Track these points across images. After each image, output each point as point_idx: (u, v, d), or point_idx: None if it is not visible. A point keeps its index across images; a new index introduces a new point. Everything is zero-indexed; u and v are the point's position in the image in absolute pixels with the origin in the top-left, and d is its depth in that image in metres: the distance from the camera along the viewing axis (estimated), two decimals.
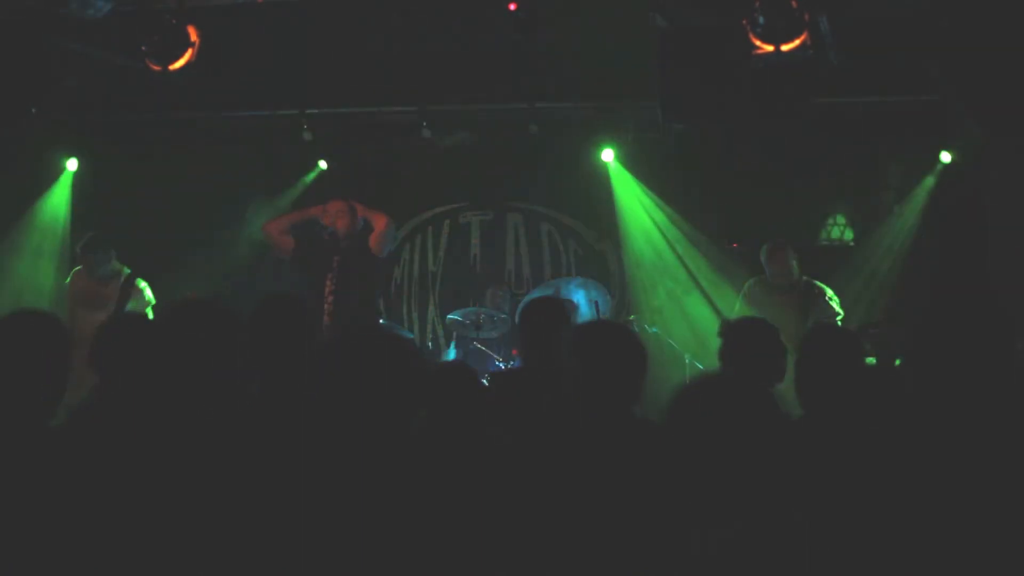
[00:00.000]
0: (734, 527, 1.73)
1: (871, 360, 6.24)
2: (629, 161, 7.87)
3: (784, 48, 4.97)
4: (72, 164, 8.00)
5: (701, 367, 6.82)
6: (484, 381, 6.19)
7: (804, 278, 6.45)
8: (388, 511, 2.28)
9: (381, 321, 6.45)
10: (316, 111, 7.59)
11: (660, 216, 7.98)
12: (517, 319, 4.60)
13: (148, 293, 6.72)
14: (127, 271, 6.73)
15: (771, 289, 6.47)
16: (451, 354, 7.19)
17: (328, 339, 5.53)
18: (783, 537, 1.73)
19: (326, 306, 5.73)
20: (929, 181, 7.40)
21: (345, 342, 2.61)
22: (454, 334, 7.41)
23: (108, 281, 6.70)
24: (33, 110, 6.14)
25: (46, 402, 2.55)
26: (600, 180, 7.97)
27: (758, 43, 5.01)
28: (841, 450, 2.51)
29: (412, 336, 7.01)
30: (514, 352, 6.74)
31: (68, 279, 6.89)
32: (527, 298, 7.11)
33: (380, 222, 6.17)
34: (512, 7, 5.36)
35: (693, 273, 7.93)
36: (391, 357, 2.50)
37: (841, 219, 7.69)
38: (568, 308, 5.99)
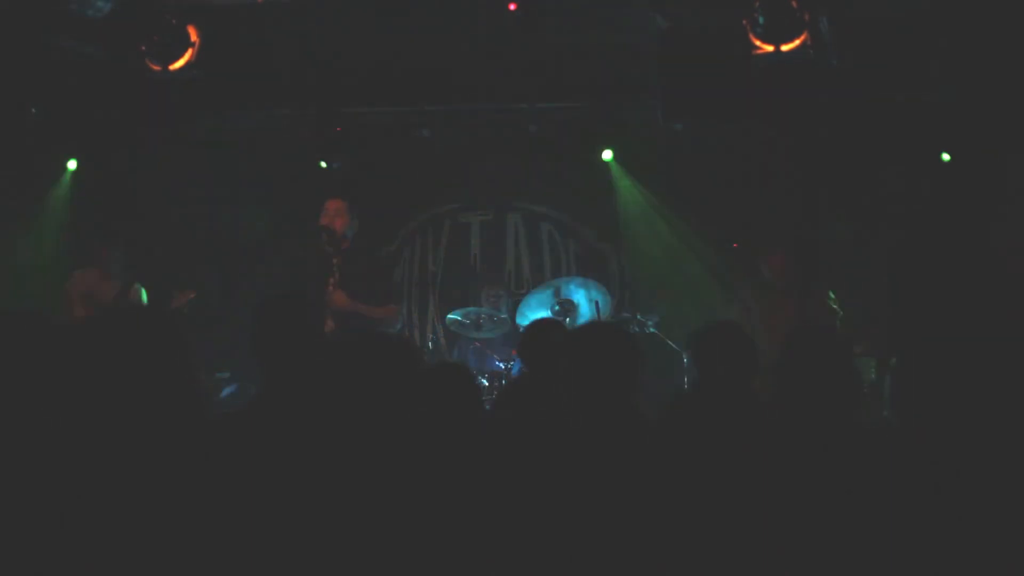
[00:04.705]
0: (727, 526, 1.74)
1: (871, 360, 6.26)
2: (629, 161, 7.87)
3: (784, 48, 4.97)
4: (72, 164, 8.00)
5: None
6: (483, 380, 6.28)
7: (802, 278, 6.45)
8: (387, 511, 2.28)
9: None
10: (316, 111, 7.59)
11: (660, 216, 7.98)
12: (520, 341, 4.75)
13: (144, 299, 6.78)
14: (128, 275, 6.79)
15: (769, 290, 6.46)
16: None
17: (331, 342, 5.51)
18: (775, 537, 1.74)
19: (329, 308, 5.69)
20: (929, 181, 7.39)
21: (345, 343, 2.61)
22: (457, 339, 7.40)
23: (112, 281, 6.76)
24: (33, 110, 6.14)
25: (46, 400, 2.57)
26: (600, 180, 7.97)
27: (758, 43, 5.02)
28: (827, 451, 2.51)
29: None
30: (514, 352, 6.74)
31: (68, 282, 6.87)
32: (525, 305, 7.13)
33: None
34: (512, 7, 5.36)
35: (693, 273, 7.94)
36: (390, 357, 2.50)
37: (841, 220, 7.68)
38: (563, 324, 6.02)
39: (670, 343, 6.84)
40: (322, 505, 2.29)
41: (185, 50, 5.41)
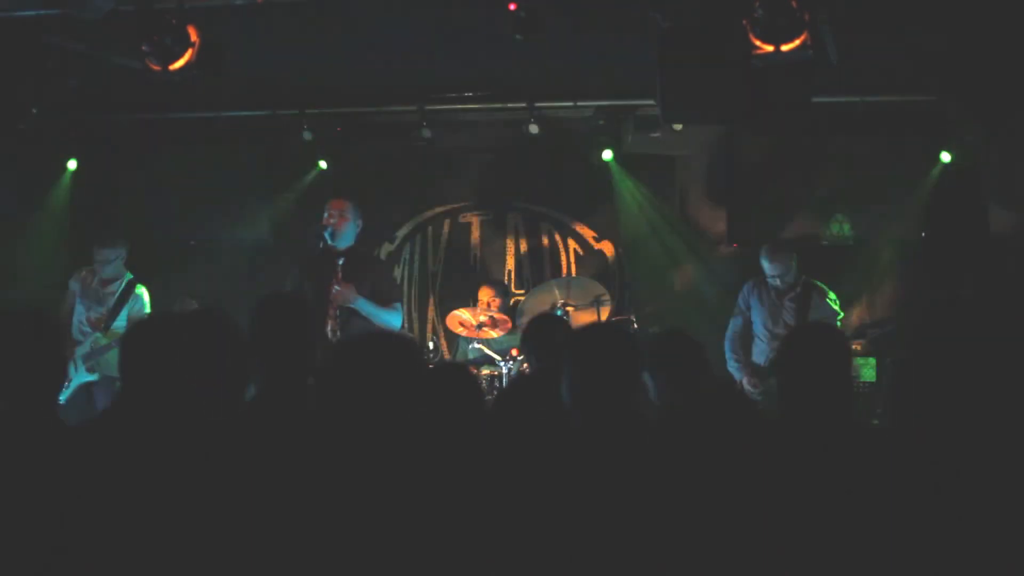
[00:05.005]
0: (728, 526, 1.74)
1: (871, 360, 6.26)
2: (629, 161, 7.87)
3: (784, 48, 4.96)
4: (72, 164, 8.01)
5: None
6: (483, 380, 6.28)
7: (804, 278, 6.45)
8: (388, 510, 2.28)
9: None
10: (316, 111, 7.59)
11: (660, 216, 7.98)
12: (520, 335, 4.75)
13: (146, 299, 6.77)
14: (129, 276, 6.78)
15: (771, 290, 6.46)
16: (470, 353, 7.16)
17: (332, 341, 5.49)
18: (775, 536, 1.74)
19: (331, 310, 5.68)
20: (929, 181, 7.40)
21: (346, 342, 2.61)
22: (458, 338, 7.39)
23: (110, 282, 6.75)
24: (33, 110, 6.13)
25: (45, 398, 2.58)
26: (600, 180, 7.97)
27: (758, 43, 5.00)
28: (824, 452, 2.51)
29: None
30: (514, 352, 6.74)
31: (72, 277, 6.90)
32: (525, 307, 7.13)
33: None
34: (512, 7, 5.35)
35: (693, 273, 7.94)
36: (391, 357, 2.50)
37: (841, 219, 7.69)
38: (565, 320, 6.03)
39: None
40: (322, 505, 2.29)
41: (185, 50, 5.40)
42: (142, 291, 6.76)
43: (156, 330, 2.51)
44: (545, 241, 8.38)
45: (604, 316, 6.94)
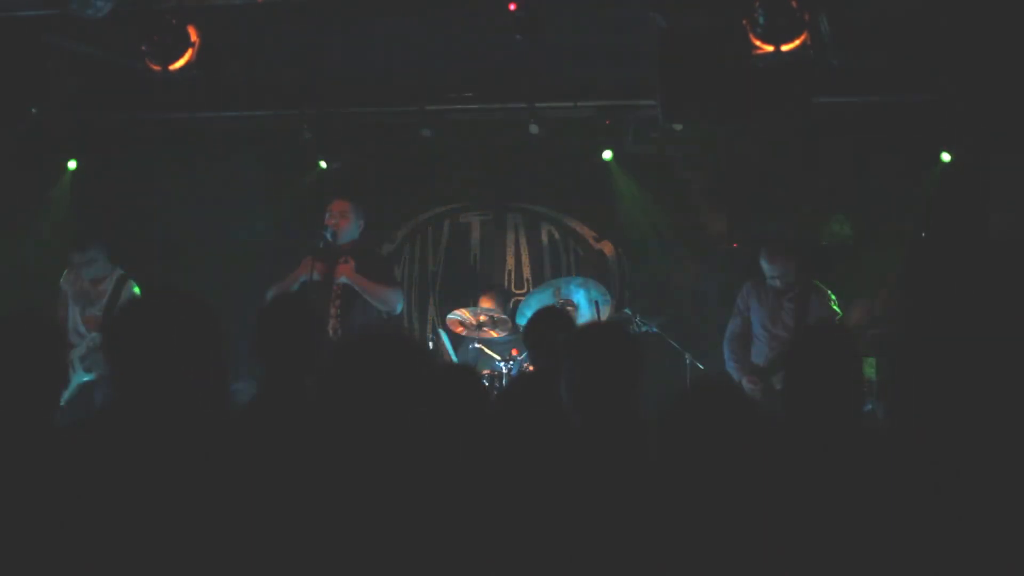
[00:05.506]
0: (729, 527, 1.74)
1: (871, 360, 6.26)
2: (629, 161, 7.87)
3: (784, 48, 4.97)
4: (72, 164, 8.00)
5: (701, 367, 6.81)
6: (483, 381, 6.27)
7: (803, 278, 6.44)
8: (388, 512, 2.28)
9: None
10: (316, 111, 7.60)
11: (660, 216, 7.98)
12: (522, 330, 4.74)
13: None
14: (120, 271, 6.73)
15: (770, 290, 6.46)
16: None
17: (333, 341, 5.49)
18: (776, 536, 1.74)
19: (332, 310, 5.68)
20: (929, 181, 7.40)
21: (346, 343, 2.61)
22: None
23: (100, 280, 6.68)
24: (33, 110, 6.14)
25: (45, 401, 2.57)
26: (600, 180, 7.97)
27: (758, 43, 5.01)
28: (827, 453, 2.51)
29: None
30: (514, 352, 6.74)
31: (62, 278, 6.88)
32: (525, 305, 7.13)
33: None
34: (512, 7, 5.36)
35: (693, 273, 7.94)
36: (394, 357, 2.50)
37: (841, 219, 7.69)
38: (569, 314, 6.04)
39: (672, 343, 6.85)
40: (322, 506, 2.29)
41: (185, 50, 5.41)
42: (136, 288, 6.72)
43: (143, 314, 2.47)
44: (545, 241, 8.39)
45: (604, 316, 6.93)
